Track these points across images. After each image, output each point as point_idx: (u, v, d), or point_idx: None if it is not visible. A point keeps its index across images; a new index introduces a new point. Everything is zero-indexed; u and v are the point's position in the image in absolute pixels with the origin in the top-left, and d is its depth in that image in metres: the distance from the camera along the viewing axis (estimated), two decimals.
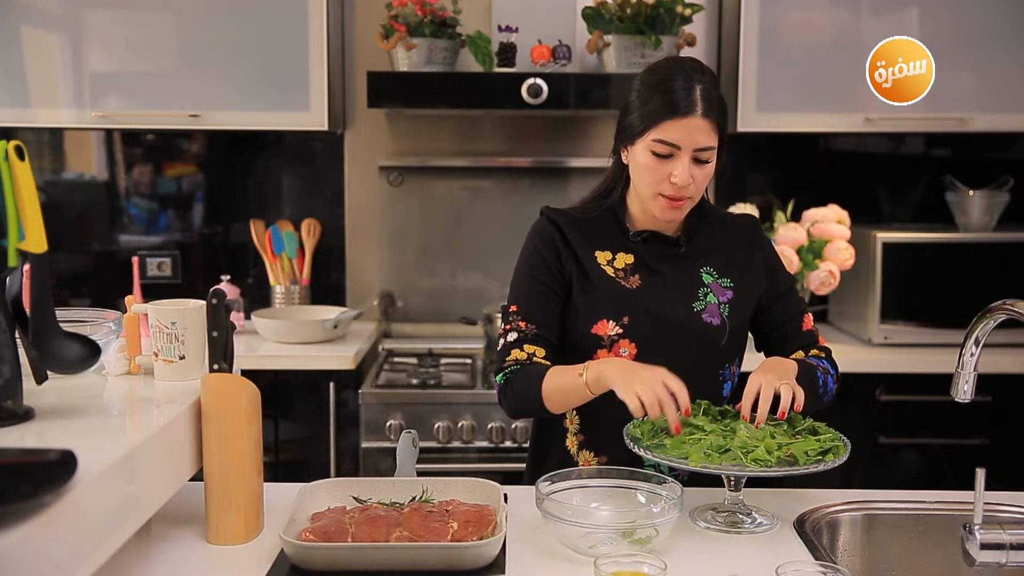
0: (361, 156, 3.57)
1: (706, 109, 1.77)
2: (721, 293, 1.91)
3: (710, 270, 1.92)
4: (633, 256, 1.90)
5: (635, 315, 1.84)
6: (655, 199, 1.82)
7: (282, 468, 3.09)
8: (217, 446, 1.53)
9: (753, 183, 3.59)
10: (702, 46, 3.42)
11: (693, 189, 1.81)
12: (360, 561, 1.44)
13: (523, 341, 1.85)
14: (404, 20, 3.17)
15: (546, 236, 1.92)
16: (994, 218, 3.34)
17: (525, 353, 1.84)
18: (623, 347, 1.84)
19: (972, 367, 1.52)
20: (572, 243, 1.90)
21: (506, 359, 1.85)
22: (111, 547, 1.23)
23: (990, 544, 1.38)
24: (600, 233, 1.92)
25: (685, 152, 1.77)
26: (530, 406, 1.82)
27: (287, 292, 3.47)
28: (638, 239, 1.91)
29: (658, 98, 1.78)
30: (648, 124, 1.78)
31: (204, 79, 3.22)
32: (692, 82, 1.78)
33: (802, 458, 1.59)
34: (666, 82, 1.79)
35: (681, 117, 1.76)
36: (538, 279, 1.89)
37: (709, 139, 1.78)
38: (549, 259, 1.89)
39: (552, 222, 1.93)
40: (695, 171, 1.79)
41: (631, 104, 1.84)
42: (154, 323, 1.62)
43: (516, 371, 1.83)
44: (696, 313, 1.87)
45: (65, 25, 3.24)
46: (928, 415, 3.07)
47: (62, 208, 3.60)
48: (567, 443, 1.93)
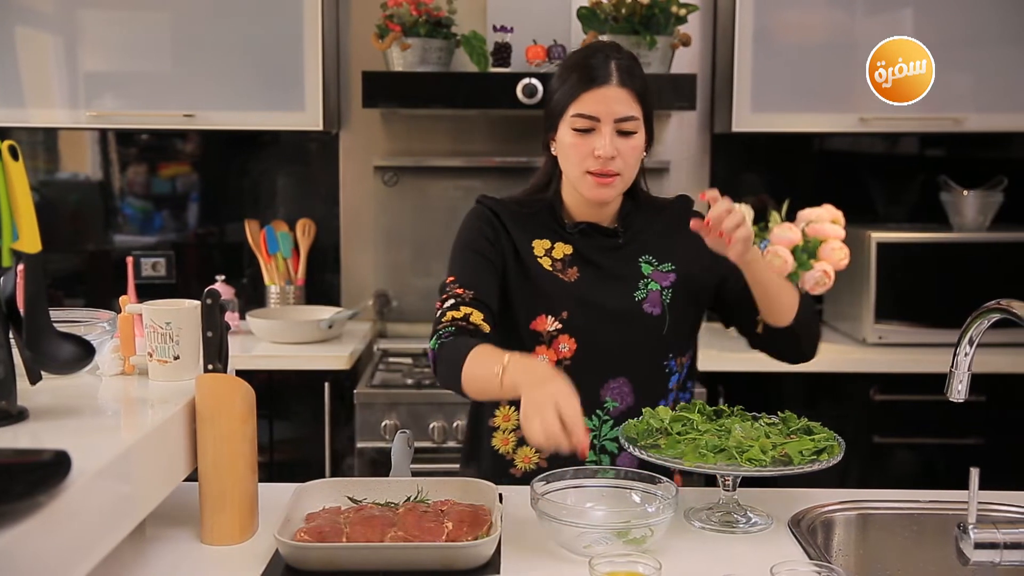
0: (356, 156, 3.57)
1: (622, 79, 1.77)
2: (663, 278, 1.89)
3: (649, 259, 1.90)
4: (572, 247, 1.88)
5: (574, 310, 1.83)
6: (583, 178, 1.80)
7: (277, 468, 3.08)
8: (212, 446, 1.53)
9: (748, 183, 3.60)
10: (697, 46, 3.42)
11: (621, 163, 1.79)
12: (355, 561, 1.44)
13: (459, 304, 1.78)
14: (399, 20, 3.16)
15: (484, 216, 1.90)
16: (988, 218, 3.35)
17: (461, 312, 1.77)
18: (563, 342, 1.82)
19: (966, 367, 1.52)
20: (509, 229, 1.88)
21: (441, 321, 1.77)
22: (105, 548, 1.23)
23: (984, 543, 1.38)
24: (537, 224, 1.90)
25: (605, 123, 1.76)
26: (453, 385, 1.73)
27: (282, 292, 3.46)
28: (575, 231, 1.89)
29: (574, 75, 1.79)
30: (567, 101, 1.79)
31: (199, 79, 3.21)
32: (608, 58, 1.79)
33: (797, 457, 1.59)
34: (582, 60, 1.81)
35: (597, 87, 1.76)
36: (475, 250, 1.86)
37: (629, 108, 1.77)
38: (488, 234, 1.87)
39: (489, 208, 1.91)
40: (620, 144, 1.77)
41: (550, 92, 1.85)
42: (148, 323, 1.62)
43: (449, 338, 1.74)
44: (637, 303, 1.86)
45: (59, 25, 3.24)
46: (923, 415, 3.07)
47: (56, 208, 3.59)
48: (494, 442, 1.90)
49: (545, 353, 1.83)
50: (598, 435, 1.85)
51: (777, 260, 3.09)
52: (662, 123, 3.56)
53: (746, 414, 1.77)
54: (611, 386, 1.84)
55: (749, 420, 1.75)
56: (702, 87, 3.43)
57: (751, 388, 3.07)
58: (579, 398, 1.52)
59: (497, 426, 1.90)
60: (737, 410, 1.79)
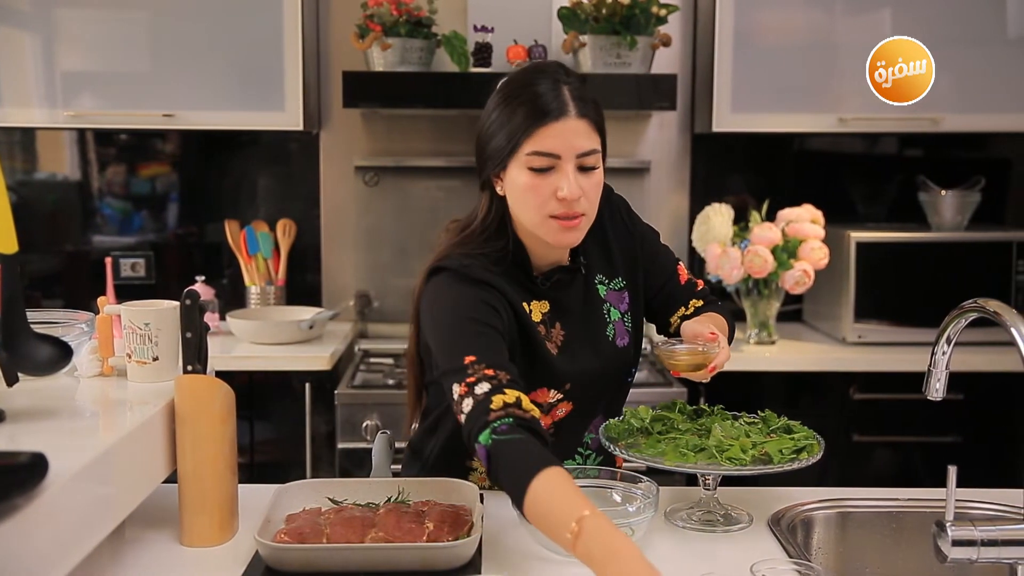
0: (337, 156, 3.56)
1: (580, 109, 1.58)
2: (618, 300, 1.80)
3: (602, 279, 1.79)
4: (548, 303, 1.72)
5: (575, 380, 1.71)
6: (544, 223, 1.61)
7: (258, 469, 3.07)
8: (191, 448, 1.52)
9: (728, 183, 3.61)
10: (677, 46, 3.43)
11: (586, 203, 1.61)
12: (335, 562, 1.43)
13: (502, 387, 1.48)
14: (379, 20, 3.16)
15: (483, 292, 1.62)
16: (966, 218, 3.37)
17: (512, 397, 1.46)
18: (560, 408, 1.73)
19: (944, 365, 1.53)
20: (507, 296, 1.65)
21: (490, 410, 1.44)
22: (83, 550, 1.22)
23: (961, 541, 1.39)
24: (515, 283, 1.68)
25: (567, 160, 1.57)
26: (512, 499, 1.42)
27: (262, 293, 3.45)
28: (547, 284, 1.72)
29: (523, 108, 1.58)
30: (518, 139, 1.57)
31: (178, 79, 3.20)
32: (558, 83, 1.59)
33: (776, 456, 1.60)
34: (529, 88, 1.59)
35: (554, 121, 1.56)
36: (490, 325, 1.58)
37: (590, 141, 1.59)
38: (494, 305, 1.61)
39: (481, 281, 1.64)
40: (583, 181, 1.59)
41: (491, 126, 1.62)
42: (127, 324, 1.61)
43: (506, 432, 1.42)
44: (611, 342, 1.77)
45: (37, 24, 3.21)
46: (902, 413, 3.09)
47: (34, 208, 3.56)
48: (471, 479, 1.78)
49: (543, 420, 1.64)
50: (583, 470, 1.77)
51: (757, 260, 3.10)
52: (643, 123, 3.57)
53: (726, 413, 1.78)
54: (592, 424, 1.81)
55: (729, 419, 1.75)
56: (682, 87, 3.44)
57: (731, 387, 3.06)
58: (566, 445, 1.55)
59: (474, 467, 1.79)
60: (717, 409, 1.80)
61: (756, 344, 3.25)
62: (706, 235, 3.24)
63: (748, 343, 3.26)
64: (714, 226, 3.21)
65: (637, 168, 3.52)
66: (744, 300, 3.28)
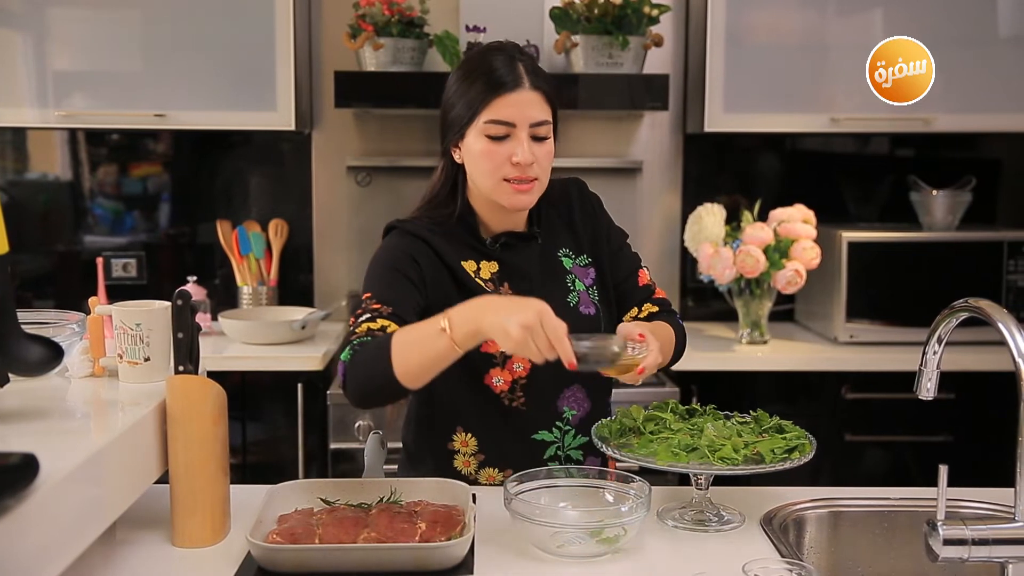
0: (329, 156, 3.56)
1: (533, 81, 1.73)
2: (584, 275, 1.86)
3: (567, 252, 1.87)
4: (497, 264, 1.82)
5: None
6: (499, 186, 1.74)
7: (250, 470, 3.07)
8: (183, 448, 1.52)
9: (720, 183, 3.61)
10: (669, 46, 3.43)
11: (538, 169, 1.74)
12: (328, 563, 1.43)
13: (376, 317, 1.66)
14: (371, 20, 3.16)
15: (413, 244, 1.78)
16: (957, 217, 3.38)
17: (378, 324, 1.65)
18: (517, 361, 1.76)
19: (935, 365, 1.54)
20: (440, 252, 1.78)
21: (355, 332, 1.65)
22: (75, 551, 1.22)
23: (953, 540, 1.39)
24: (459, 244, 1.81)
25: (521, 128, 1.72)
26: (378, 381, 1.57)
27: (254, 293, 3.45)
28: (496, 245, 1.83)
29: (480, 80, 1.73)
30: (476, 108, 1.72)
31: (170, 78, 3.19)
32: (513, 59, 1.74)
33: (768, 456, 1.60)
34: (485, 62, 1.75)
35: (509, 92, 1.71)
36: (396, 269, 1.75)
37: (543, 112, 1.74)
38: (417, 257, 1.76)
39: (414, 234, 1.80)
40: (536, 149, 1.73)
41: (451, 97, 1.78)
42: (118, 325, 1.61)
43: (363, 344, 1.62)
44: (573, 308, 1.82)
45: (28, 23, 3.20)
46: (893, 413, 3.10)
47: (25, 208, 3.55)
48: (457, 464, 1.83)
49: (500, 375, 1.76)
50: (561, 445, 1.82)
51: (749, 260, 3.11)
52: (635, 123, 3.57)
53: (718, 413, 1.79)
54: (567, 395, 1.82)
55: (721, 419, 1.76)
56: (674, 87, 3.44)
57: (723, 387, 3.09)
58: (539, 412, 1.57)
59: (457, 449, 1.83)
60: (710, 409, 1.80)
61: (748, 344, 3.25)
62: (698, 235, 3.24)
63: (740, 343, 3.26)
64: (706, 226, 3.22)
65: (629, 168, 3.52)
66: (736, 300, 3.28)
